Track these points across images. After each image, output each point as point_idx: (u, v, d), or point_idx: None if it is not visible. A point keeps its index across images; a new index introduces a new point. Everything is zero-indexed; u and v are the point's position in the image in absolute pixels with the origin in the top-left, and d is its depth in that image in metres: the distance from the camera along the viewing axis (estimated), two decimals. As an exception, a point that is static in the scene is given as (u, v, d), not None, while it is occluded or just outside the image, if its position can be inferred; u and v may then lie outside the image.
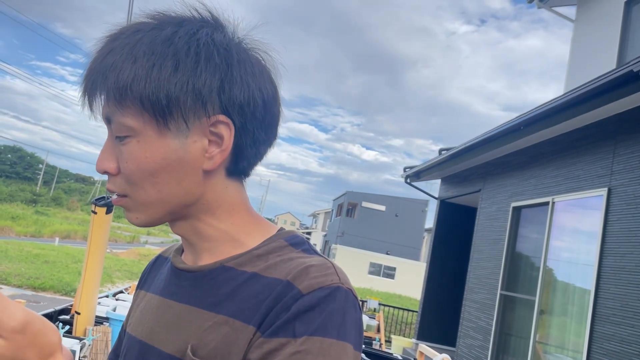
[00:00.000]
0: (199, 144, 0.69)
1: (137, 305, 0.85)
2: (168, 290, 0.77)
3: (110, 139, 0.71)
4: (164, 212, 0.72)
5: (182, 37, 0.67)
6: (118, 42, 0.68)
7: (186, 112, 0.67)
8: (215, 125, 0.69)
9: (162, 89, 0.65)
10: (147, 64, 0.65)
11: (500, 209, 7.45)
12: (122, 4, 4.97)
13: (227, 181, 0.74)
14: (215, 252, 0.74)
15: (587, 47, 8.25)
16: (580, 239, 5.76)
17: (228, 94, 0.68)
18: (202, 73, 0.66)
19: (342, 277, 0.67)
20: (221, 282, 0.71)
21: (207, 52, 0.67)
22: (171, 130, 0.67)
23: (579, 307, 5.33)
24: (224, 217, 0.74)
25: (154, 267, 0.89)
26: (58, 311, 3.78)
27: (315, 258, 0.70)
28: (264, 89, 0.72)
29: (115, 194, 0.72)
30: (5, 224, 30.25)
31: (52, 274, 15.57)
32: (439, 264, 10.07)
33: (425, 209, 36.99)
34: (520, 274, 6.92)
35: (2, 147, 61.77)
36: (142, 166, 0.68)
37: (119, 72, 0.66)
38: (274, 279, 0.67)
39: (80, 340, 3.23)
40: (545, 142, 6.38)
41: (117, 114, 0.67)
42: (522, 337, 6.37)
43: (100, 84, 0.67)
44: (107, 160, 0.70)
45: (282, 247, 0.73)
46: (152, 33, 0.68)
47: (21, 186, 51.03)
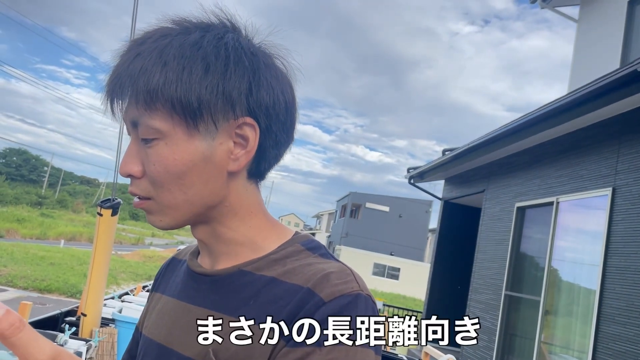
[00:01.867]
0: (224, 146, 0.70)
1: (152, 307, 0.86)
2: (185, 293, 0.78)
3: (135, 142, 0.71)
4: (188, 214, 0.72)
5: (210, 41, 0.69)
6: (145, 47, 0.68)
7: (216, 114, 0.68)
8: (241, 127, 0.70)
9: (193, 91, 0.66)
10: (178, 67, 0.66)
11: (505, 209, 7.44)
12: (127, 7, 4.98)
13: (247, 183, 0.75)
14: (232, 255, 0.75)
15: (591, 47, 8.23)
16: (585, 239, 5.75)
17: (255, 96, 0.69)
18: (231, 76, 0.68)
19: (361, 284, 0.69)
20: (240, 286, 0.72)
21: (236, 55, 0.69)
22: (200, 132, 0.68)
23: (584, 307, 5.32)
24: (243, 220, 0.75)
25: (168, 270, 0.90)
26: (64, 313, 3.80)
27: (334, 264, 0.71)
28: (285, 92, 0.73)
29: (137, 196, 0.72)
30: (11, 227, 30.34)
31: (58, 276, 15.61)
32: (443, 265, 10.06)
33: (429, 210, 36.92)
34: (525, 274, 6.91)
35: (8, 150, 62.02)
36: (170, 168, 0.69)
37: (150, 76, 0.66)
38: (293, 285, 0.68)
39: (87, 341, 3.24)
40: (549, 142, 6.37)
41: (145, 117, 0.68)
42: (527, 338, 6.36)
43: (129, 88, 0.68)
44: (132, 164, 0.71)
45: (299, 251, 0.74)
46: (180, 37, 0.69)
47: (27, 189, 51.21)
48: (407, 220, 37.20)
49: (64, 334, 2.98)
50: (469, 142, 7.80)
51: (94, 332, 3.46)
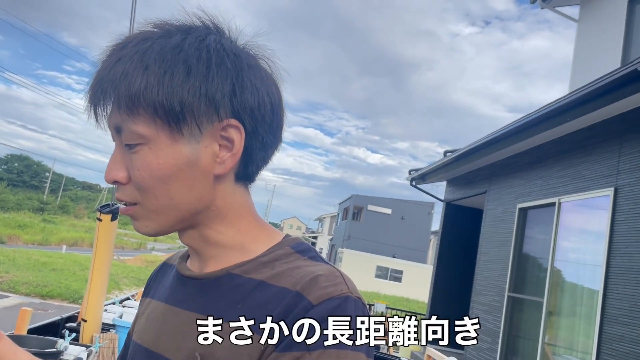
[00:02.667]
0: (210, 149, 0.69)
1: (142, 312, 0.85)
2: (174, 297, 0.77)
3: (119, 148, 0.70)
4: (174, 219, 0.71)
5: (192, 43, 0.68)
6: (126, 51, 0.68)
7: (199, 117, 0.67)
8: (226, 130, 0.69)
9: (175, 95, 0.65)
10: (159, 71, 0.65)
11: (507, 210, 7.42)
12: (128, 12, 4.96)
13: (235, 186, 0.74)
14: (221, 259, 0.74)
15: (591, 47, 8.22)
16: (588, 239, 5.73)
17: (239, 98, 0.69)
18: (214, 78, 0.67)
19: (350, 286, 0.67)
20: (228, 289, 0.71)
21: (218, 57, 0.68)
22: (184, 135, 0.67)
23: (588, 308, 5.30)
24: (231, 224, 0.74)
25: (159, 275, 0.89)
26: (65, 319, 3.79)
27: (323, 266, 0.70)
28: (271, 93, 0.72)
29: (123, 202, 0.72)
30: (13, 233, 30.38)
31: (60, 281, 15.62)
32: (446, 267, 10.04)
33: (431, 212, 36.89)
34: (527, 275, 6.88)
35: (10, 156, 62.19)
36: (154, 173, 0.68)
37: (131, 80, 0.65)
38: (282, 288, 0.67)
39: (87, 347, 3.23)
40: (551, 143, 6.35)
41: (128, 122, 0.67)
42: (531, 339, 6.33)
43: (111, 93, 0.67)
44: (116, 170, 0.70)
45: (288, 254, 0.73)
46: (161, 41, 0.68)
47: (28, 194, 51.29)
48: (409, 222, 37.18)
49: (65, 340, 2.97)
50: (471, 143, 7.79)
51: (94, 337, 3.44)
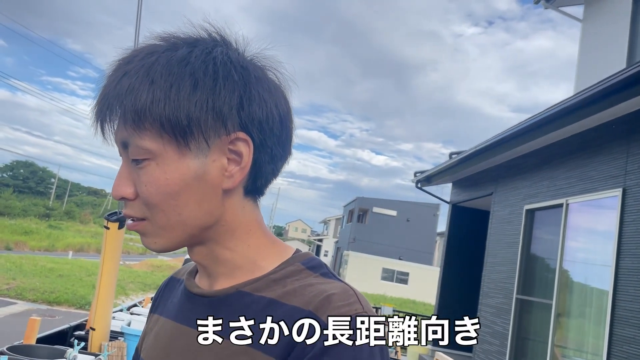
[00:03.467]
0: (218, 163, 0.68)
1: (150, 329, 0.84)
2: (182, 315, 0.76)
3: (126, 163, 0.69)
4: (183, 235, 0.70)
5: (198, 56, 0.67)
6: (132, 65, 0.67)
7: (207, 131, 0.66)
8: (234, 143, 0.68)
9: (182, 109, 0.64)
10: (165, 85, 0.64)
11: (514, 211, 7.38)
12: (132, 19, 4.95)
13: (244, 201, 0.72)
14: (231, 276, 0.73)
15: (596, 47, 8.18)
16: (596, 240, 5.69)
17: (247, 111, 0.67)
18: (221, 91, 0.66)
19: (364, 305, 0.66)
20: (238, 308, 0.69)
21: (225, 70, 0.67)
22: (192, 150, 0.66)
23: (597, 309, 5.26)
24: (241, 239, 0.72)
25: (167, 290, 0.88)
26: (73, 327, 3.79)
27: (336, 284, 0.68)
28: (279, 105, 0.71)
29: (131, 218, 0.70)
30: (19, 239, 30.49)
31: (67, 287, 15.65)
32: (452, 269, 10.00)
33: (437, 213, 36.81)
34: (536, 277, 6.84)
35: (15, 163, 62.41)
36: (162, 188, 0.67)
37: (137, 95, 0.64)
38: (294, 308, 0.65)
39: (96, 356, 3.23)
40: (558, 144, 6.32)
41: (134, 137, 0.66)
42: (540, 341, 6.29)
43: (117, 108, 0.66)
44: (124, 186, 0.69)
45: (299, 270, 0.71)
46: (167, 54, 0.67)
47: (34, 201, 51.46)
48: (415, 224, 37.11)
49: (73, 349, 2.97)
50: (476, 144, 7.76)
51: (103, 346, 3.44)
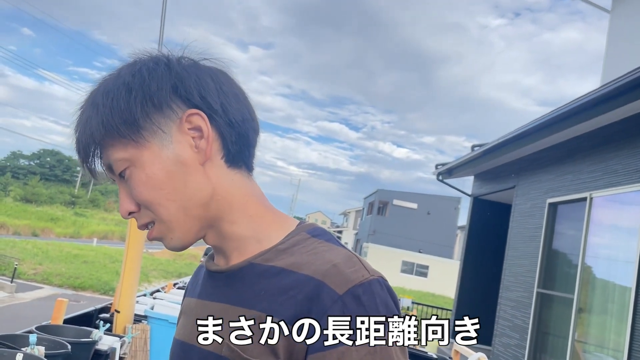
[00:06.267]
0: (185, 143, 0.74)
1: (182, 312, 0.90)
2: (205, 292, 0.82)
3: (120, 185, 0.77)
4: (191, 221, 0.76)
5: (125, 68, 0.75)
6: (84, 103, 0.76)
7: (157, 120, 0.73)
8: (189, 121, 0.74)
9: (125, 113, 0.72)
10: (106, 102, 0.73)
11: (536, 205, 7.31)
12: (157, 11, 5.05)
13: (230, 173, 0.77)
14: (242, 250, 0.78)
15: (624, 39, 8.02)
16: (620, 235, 5.62)
17: (183, 89, 0.74)
18: (150, 84, 0.73)
19: (369, 268, 0.70)
20: (251, 279, 0.74)
21: (148, 68, 0.74)
22: (155, 142, 0.73)
23: (619, 305, 5.20)
24: (241, 211, 0.77)
25: (194, 276, 0.94)
26: (98, 310, 3.88)
27: (339, 251, 0.72)
28: (215, 78, 0.77)
29: (146, 227, 0.77)
30: (45, 226, 31.14)
31: (91, 273, 15.95)
32: (473, 262, 9.95)
33: (457, 207, 36.50)
34: (557, 271, 6.78)
35: (42, 151, 63.45)
36: (148, 184, 0.73)
37: (90, 123, 0.73)
38: (303, 276, 0.69)
39: (121, 337, 3.31)
40: (582, 137, 6.23)
41: (109, 155, 0.74)
42: (561, 336, 6.25)
43: (89, 143, 0.74)
44: (126, 203, 0.76)
45: (304, 239, 0.76)
46: (106, 79, 0.76)
47: (60, 188, 52.38)
48: (435, 217, 36.87)
49: (99, 330, 3.05)
50: (499, 137, 7.69)
51: (127, 328, 3.52)
